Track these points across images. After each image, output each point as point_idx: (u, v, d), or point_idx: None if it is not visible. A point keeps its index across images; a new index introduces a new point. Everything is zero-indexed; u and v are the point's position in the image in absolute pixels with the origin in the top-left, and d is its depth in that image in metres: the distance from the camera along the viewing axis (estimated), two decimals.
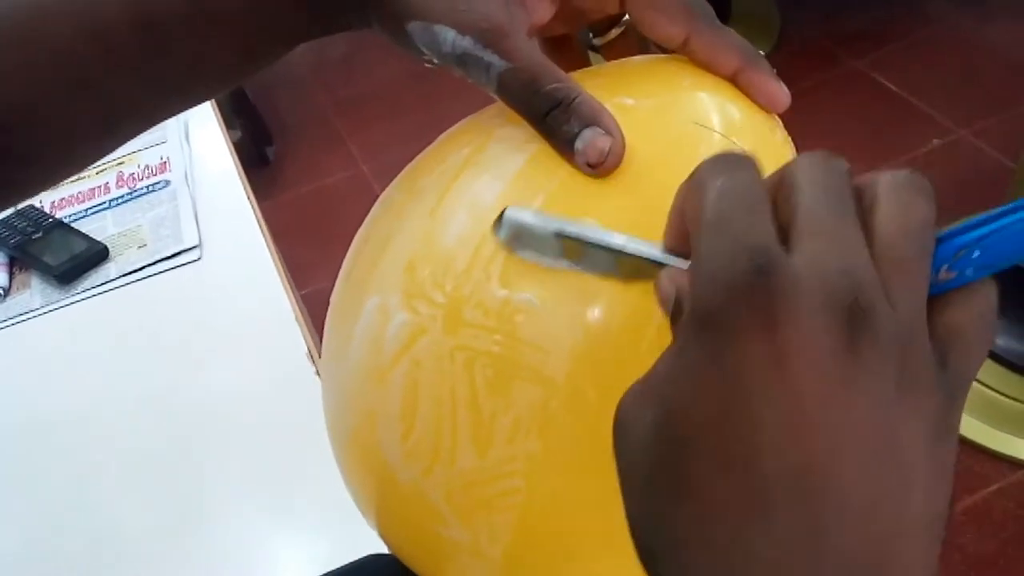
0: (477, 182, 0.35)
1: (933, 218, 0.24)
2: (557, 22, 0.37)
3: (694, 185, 0.25)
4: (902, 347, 0.23)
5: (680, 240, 0.27)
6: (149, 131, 0.43)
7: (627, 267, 0.29)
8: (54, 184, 0.43)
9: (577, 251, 0.29)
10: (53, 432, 0.73)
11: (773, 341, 0.22)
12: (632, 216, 0.32)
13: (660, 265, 0.27)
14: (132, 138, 0.42)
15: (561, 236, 0.29)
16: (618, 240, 0.28)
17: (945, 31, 2.20)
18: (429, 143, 0.41)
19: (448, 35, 0.34)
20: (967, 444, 1.40)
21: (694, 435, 0.23)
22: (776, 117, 0.39)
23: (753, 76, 0.37)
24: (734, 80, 0.37)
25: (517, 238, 0.30)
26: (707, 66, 0.37)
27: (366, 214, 0.41)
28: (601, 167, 0.33)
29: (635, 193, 0.33)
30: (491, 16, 0.34)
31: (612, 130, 0.33)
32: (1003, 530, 1.31)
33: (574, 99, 0.34)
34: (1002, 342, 1.45)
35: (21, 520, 0.68)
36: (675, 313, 0.25)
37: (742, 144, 0.36)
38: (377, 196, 0.41)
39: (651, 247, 0.28)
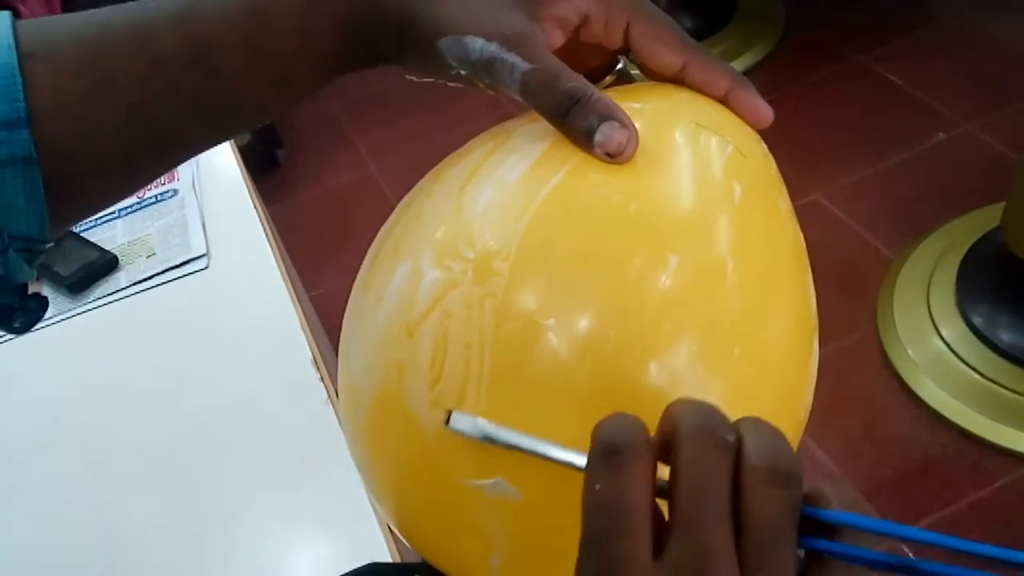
0: (504, 163, 0.38)
1: (796, 505, 0.28)
2: (565, 57, 0.39)
3: (589, 466, 0.29)
4: None
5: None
6: None
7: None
8: (99, 211, 0.46)
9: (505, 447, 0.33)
10: (66, 437, 0.75)
11: None
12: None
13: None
14: (178, 165, 0.46)
15: (488, 439, 0.33)
16: (553, 452, 0.32)
17: (950, 26, 2.20)
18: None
19: (476, 43, 0.38)
20: (973, 439, 1.41)
21: None
22: (757, 135, 0.42)
23: (741, 95, 0.41)
24: (724, 100, 0.41)
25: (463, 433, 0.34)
26: (701, 88, 0.41)
27: (375, 214, 0.44)
28: (620, 156, 0.36)
29: (644, 174, 0.37)
30: (515, 26, 0.38)
31: (627, 123, 0.37)
32: (1009, 526, 1.32)
33: (591, 96, 0.37)
34: (1008, 338, 1.46)
35: (34, 523, 0.70)
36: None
37: (735, 143, 0.40)
38: (386, 197, 0.43)
39: (562, 451, 0.31)
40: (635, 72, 0.44)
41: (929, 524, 1.33)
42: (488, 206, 0.37)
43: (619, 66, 0.44)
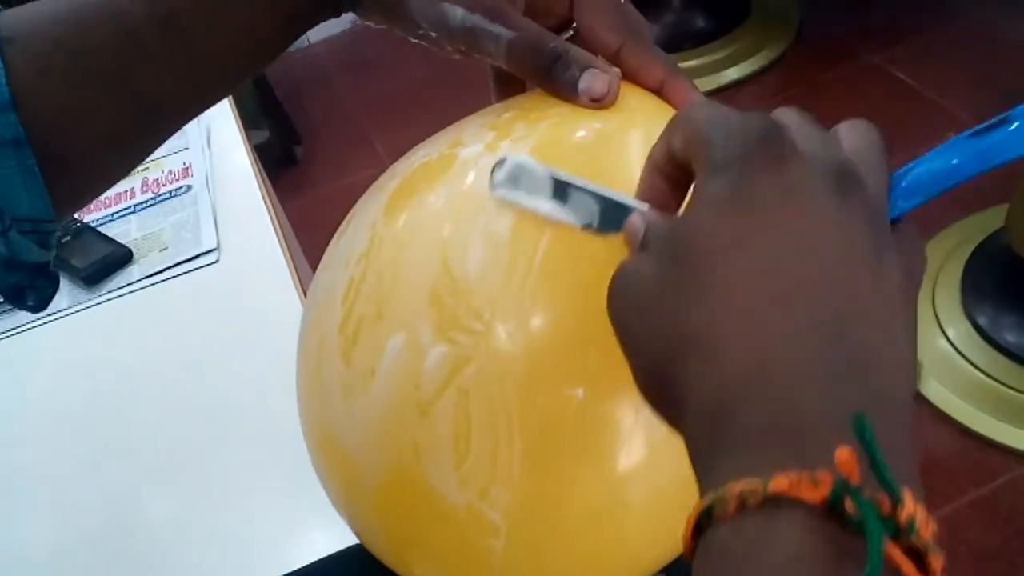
0: (481, 212, 0.36)
1: (883, 144, 0.31)
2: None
3: (685, 116, 0.30)
4: (875, 211, 0.29)
5: (653, 193, 0.32)
6: (173, 138, 0.47)
7: (606, 214, 0.33)
8: (107, 188, 0.47)
9: (564, 195, 0.34)
10: (79, 424, 0.78)
11: (784, 175, 0.27)
12: None
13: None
14: (170, 135, 0.46)
15: (554, 179, 0.34)
16: (601, 189, 0.33)
17: (963, 26, 2.19)
18: (485, 108, 0.44)
19: (457, 12, 0.39)
20: (975, 437, 1.41)
21: (713, 249, 0.27)
22: None
23: (676, 86, 0.42)
24: (659, 90, 0.42)
25: (513, 180, 0.34)
26: (635, 74, 0.42)
27: None
28: (604, 99, 0.39)
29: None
30: None
31: (607, 69, 0.39)
32: (1010, 524, 1.32)
33: (570, 51, 0.39)
34: (1013, 338, 1.46)
35: (48, 509, 0.73)
36: (643, 244, 0.30)
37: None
38: None
39: (628, 197, 0.32)
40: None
41: None
42: (484, 268, 0.35)
43: (574, 25, 0.44)
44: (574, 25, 0.44)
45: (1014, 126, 0.28)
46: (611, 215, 0.32)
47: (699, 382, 0.26)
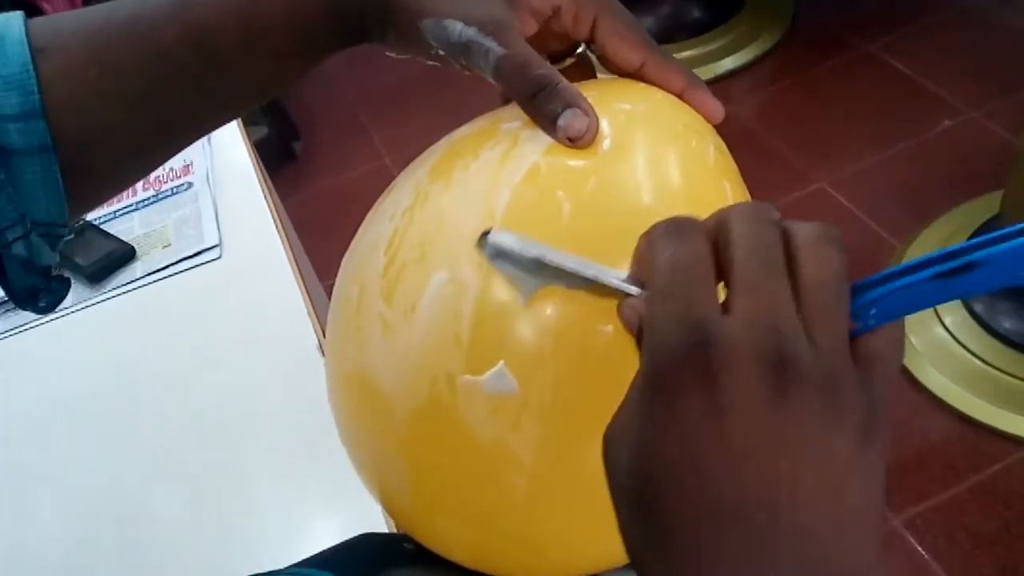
0: (522, 159, 0.39)
1: (845, 268, 0.28)
2: (533, 41, 0.42)
3: (649, 246, 0.30)
4: (827, 378, 0.27)
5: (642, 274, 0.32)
6: None
7: (596, 290, 0.33)
8: (114, 195, 0.49)
9: (552, 274, 0.33)
10: (85, 420, 0.79)
11: (713, 397, 0.27)
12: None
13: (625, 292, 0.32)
14: (184, 148, 0.48)
15: (536, 260, 0.33)
16: (590, 271, 0.32)
17: (956, 14, 2.20)
18: (448, 133, 0.46)
19: (456, 26, 0.41)
20: (973, 423, 1.43)
21: (658, 473, 0.28)
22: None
23: (695, 94, 0.44)
24: (680, 97, 0.44)
25: (499, 256, 0.34)
26: (658, 85, 0.44)
27: None
28: (580, 141, 0.39)
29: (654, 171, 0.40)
30: (493, 12, 0.41)
31: (589, 112, 0.39)
32: (1008, 508, 1.34)
33: (558, 84, 0.40)
34: (1009, 324, 1.47)
35: (56, 504, 0.73)
36: (638, 337, 0.30)
37: (704, 140, 0.43)
38: None
39: (616, 278, 0.32)
40: (592, 57, 0.47)
41: (929, 507, 1.35)
42: (523, 212, 0.38)
43: (579, 50, 0.46)
44: (577, 52, 0.46)
45: (980, 272, 0.28)
46: (599, 291, 0.33)
47: None
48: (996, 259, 0.27)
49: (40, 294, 0.46)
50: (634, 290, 0.31)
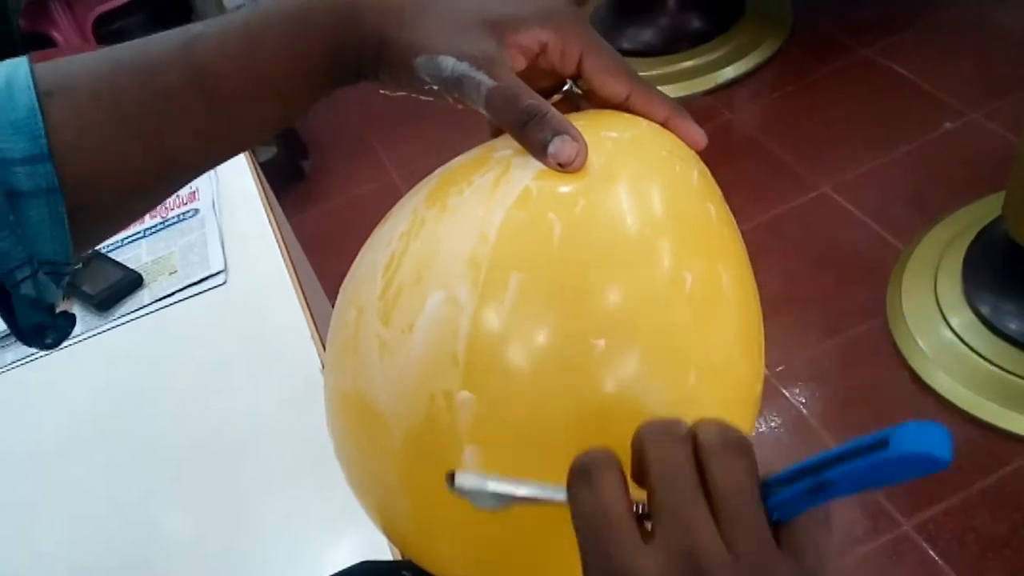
0: (513, 184, 0.41)
1: (753, 468, 0.32)
2: (522, 77, 0.44)
3: (571, 484, 0.33)
4: None
5: None
6: None
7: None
8: (117, 232, 0.50)
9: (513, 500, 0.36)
10: (94, 445, 0.80)
11: None
12: None
13: None
14: (191, 182, 0.49)
15: (496, 495, 0.35)
16: (540, 493, 0.35)
17: (955, 15, 2.20)
18: (455, 152, 0.47)
19: (448, 62, 0.42)
20: (982, 425, 1.42)
21: None
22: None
23: (679, 122, 0.46)
24: (665, 126, 0.46)
25: (465, 493, 0.36)
26: (644, 116, 0.46)
27: None
28: (570, 167, 0.41)
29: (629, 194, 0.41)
30: (484, 48, 0.43)
31: (578, 138, 0.41)
32: (1018, 511, 1.33)
33: (547, 113, 0.42)
34: (1015, 326, 1.47)
35: (67, 532, 0.75)
36: None
37: (687, 165, 0.44)
38: None
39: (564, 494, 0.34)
40: (578, 93, 0.48)
41: (941, 511, 1.34)
42: (516, 235, 0.39)
43: (566, 87, 0.48)
44: (564, 88, 0.48)
45: (835, 488, 0.30)
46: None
47: None
48: (844, 478, 0.30)
49: (47, 331, 0.47)
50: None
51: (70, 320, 0.49)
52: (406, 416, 0.39)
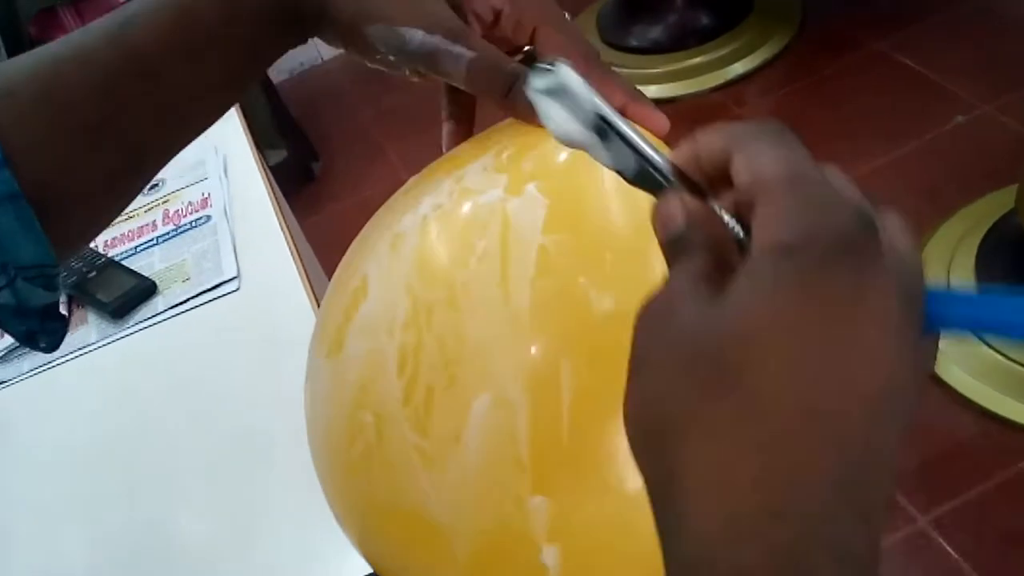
0: (525, 246, 0.38)
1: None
2: None
3: (755, 146, 0.29)
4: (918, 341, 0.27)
5: (691, 168, 0.31)
6: (192, 169, 0.49)
7: (641, 172, 0.31)
8: (104, 228, 0.49)
9: (603, 132, 0.32)
10: (110, 452, 0.81)
11: (861, 286, 0.25)
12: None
13: (663, 188, 0.30)
14: (158, 171, 0.48)
15: (599, 115, 0.32)
16: (647, 149, 0.31)
17: (964, 8, 2.19)
18: (463, 150, 0.46)
19: (416, 35, 0.41)
20: (997, 419, 1.42)
21: (763, 337, 0.25)
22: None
23: (638, 108, 0.44)
24: (623, 112, 0.43)
25: (555, 92, 0.33)
26: None
27: None
28: None
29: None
30: (454, 19, 0.42)
31: None
32: None
33: (526, 73, 0.41)
34: None
35: (82, 540, 0.75)
36: (678, 239, 0.29)
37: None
38: None
39: (665, 161, 0.31)
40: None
41: (957, 506, 1.34)
42: (549, 312, 0.36)
43: (527, 48, 0.46)
44: (525, 49, 0.46)
45: None
46: (646, 175, 0.31)
47: (699, 494, 0.25)
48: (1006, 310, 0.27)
49: (37, 336, 0.47)
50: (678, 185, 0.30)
51: (59, 321, 0.48)
52: (472, 527, 0.37)
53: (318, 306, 0.87)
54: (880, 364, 0.25)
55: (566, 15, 0.44)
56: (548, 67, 0.34)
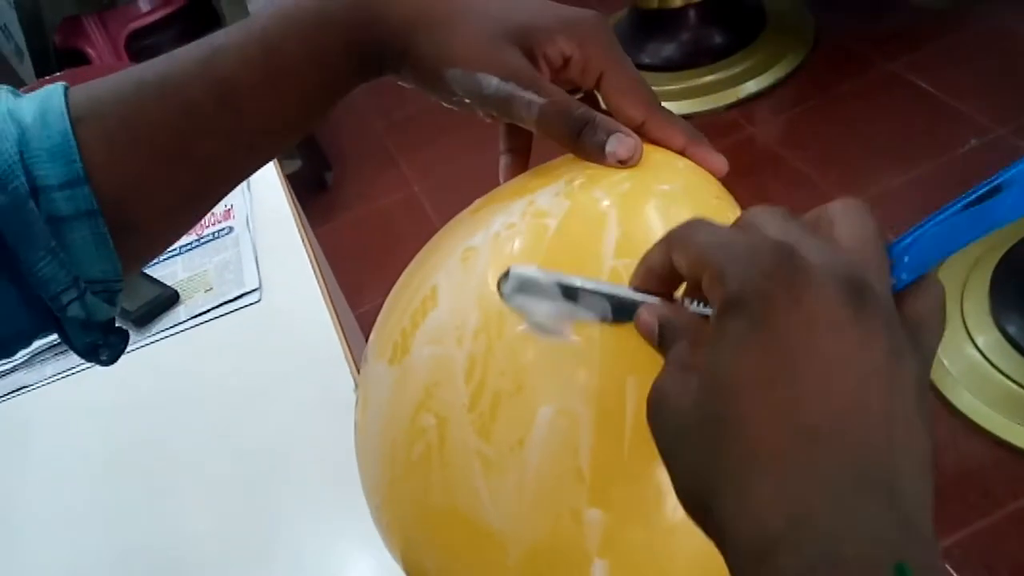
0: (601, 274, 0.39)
1: (877, 223, 0.32)
2: None
3: (689, 239, 0.32)
4: (887, 310, 0.29)
5: (649, 283, 0.35)
6: None
7: (617, 309, 0.35)
8: (169, 247, 0.51)
9: (573, 295, 0.35)
10: (134, 461, 0.81)
11: (801, 305, 0.28)
12: None
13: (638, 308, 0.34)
14: (223, 198, 0.50)
15: (560, 284, 0.35)
16: (609, 288, 0.35)
17: (980, 30, 2.19)
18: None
19: (491, 81, 0.43)
20: (1009, 448, 1.41)
21: (743, 387, 0.28)
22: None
23: (698, 150, 0.45)
24: (683, 154, 0.45)
25: (522, 289, 0.35)
26: (660, 142, 0.45)
27: (419, 231, 0.44)
28: (630, 161, 0.42)
29: None
30: (523, 65, 0.44)
31: (631, 134, 0.43)
32: None
33: (596, 117, 0.43)
34: None
35: (100, 547, 0.75)
36: (661, 337, 0.33)
37: (732, 207, 0.44)
38: (428, 215, 0.46)
39: (632, 292, 0.35)
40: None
41: (968, 535, 1.33)
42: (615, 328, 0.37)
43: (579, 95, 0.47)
44: (582, 91, 0.47)
45: (1009, 194, 0.29)
46: (622, 309, 0.35)
47: (736, 521, 0.28)
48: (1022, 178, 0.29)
49: (99, 349, 0.49)
50: (652, 299, 0.34)
51: (122, 337, 0.50)
52: (526, 535, 0.37)
53: (338, 319, 0.88)
54: (851, 364, 0.28)
55: (630, 61, 0.45)
56: (504, 276, 0.36)
